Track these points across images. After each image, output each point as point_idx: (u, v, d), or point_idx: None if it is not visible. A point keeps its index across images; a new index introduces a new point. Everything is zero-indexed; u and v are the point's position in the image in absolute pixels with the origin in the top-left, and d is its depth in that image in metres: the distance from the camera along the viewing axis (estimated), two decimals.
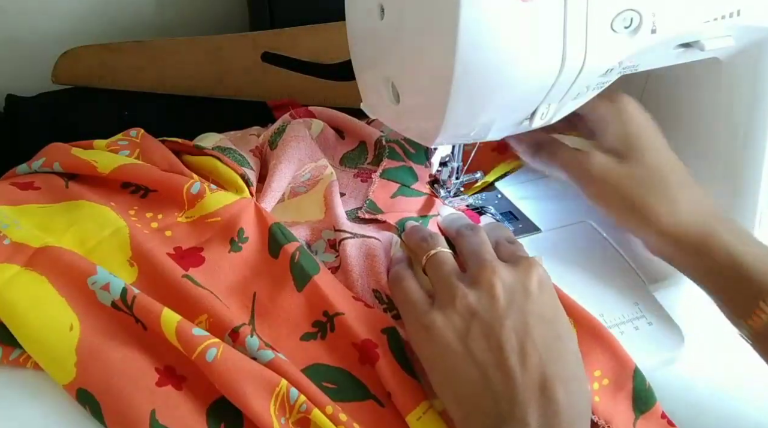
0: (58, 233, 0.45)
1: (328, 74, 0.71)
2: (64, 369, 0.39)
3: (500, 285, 0.40)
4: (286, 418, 0.39)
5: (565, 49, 0.39)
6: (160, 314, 0.40)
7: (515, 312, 0.40)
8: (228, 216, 0.47)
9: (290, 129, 0.56)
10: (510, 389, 0.37)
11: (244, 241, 0.47)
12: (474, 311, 0.40)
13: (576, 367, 0.40)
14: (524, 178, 0.60)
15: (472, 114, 0.43)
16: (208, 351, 0.38)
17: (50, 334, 0.40)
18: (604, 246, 0.53)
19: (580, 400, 0.39)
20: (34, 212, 0.47)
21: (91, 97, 0.70)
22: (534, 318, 0.40)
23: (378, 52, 0.45)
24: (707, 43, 0.45)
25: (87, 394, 0.38)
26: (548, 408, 0.37)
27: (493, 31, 0.38)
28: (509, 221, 0.55)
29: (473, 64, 0.39)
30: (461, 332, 0.40)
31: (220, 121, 0.60)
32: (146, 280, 0.44)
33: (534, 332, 0.39)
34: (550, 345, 0.39)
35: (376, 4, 0.42)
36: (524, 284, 0.41)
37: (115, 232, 0.45)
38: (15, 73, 0.73)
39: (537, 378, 0.37)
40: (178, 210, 0.48)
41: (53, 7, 0.75)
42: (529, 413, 0.37)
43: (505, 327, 0.39)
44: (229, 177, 0.51)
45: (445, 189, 0.56)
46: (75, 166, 0.50)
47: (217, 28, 0.80)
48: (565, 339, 0.41)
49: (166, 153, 0.52)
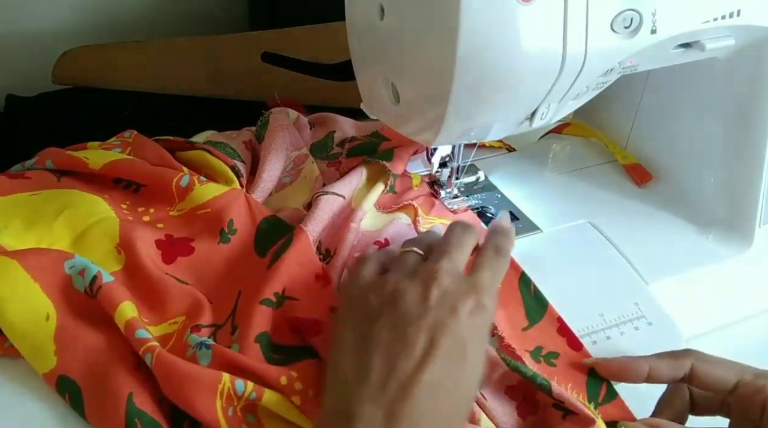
0: (48, 220, 0.45)
1: (328, 74, 0.71)
2: (45, 357, 0.39)
3: (435, 291, 0.39)
4: (234, 407, 0.39)
5: (565, 49, 0.39)
6: (116, 308, 0.40)
7: (432, 320, 0.38)
8: (218, 208, 0.48)
9: (273, 119, 0.57)
10: (377, 386, 0.35)
11: (234, 233, 0.48)
12: (397, 296, 0.39)
13: (459, 406, 0.37)
14: (524, 177, 0.60)
15: (472, 114, 0.43)
16: (146, 355, 0.39)
17: (27, 325, 0.40)
18: (604, 246, 0.53)
19: None
20: (23, 202, 0.47)
21: (91, 97, 0.70)
22: (446, 334, 0.37)
23: (378, 52, 0.45)
24: (707, 43, 0.45)
25: (67, 381, 0.39)
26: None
27: (493, 32, 0.38)
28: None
29: (473, 64, 0.39)
30: (375, 309, 0.39)
31: (220, 121, 0.60)
32: (129, 271, 0.44)
33: (440, 347, 0.37)
34: (449, 366, 0.37)
35: (376, 4, 0.42)
36: (456, 302, 0.39)
37: (104, 219, 0.46)
38: (15, 73, 0.74)
39: (415, 401, 0.35)
40: (169, 204, 0.49)
41: (53, 7, 0.75)
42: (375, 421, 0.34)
43: (414, 325, 0.37)
44: (220, 169, 0.51)
45: (445, 189, 0.56)
46: (67, 162, 0.50)
47: (217, 28, 0.81)
48: (468, 371, 0.38)
49: (157, 149, 0.52)
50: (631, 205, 0.58)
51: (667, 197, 0.58)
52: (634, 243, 0.53)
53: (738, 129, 0.53)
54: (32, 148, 0.53)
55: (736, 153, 0.53)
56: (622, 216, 0.56)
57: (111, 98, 0.70)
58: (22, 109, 0.69)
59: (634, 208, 0.58)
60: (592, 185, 0.60)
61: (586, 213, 0.56)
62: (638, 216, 0.57)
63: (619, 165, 0.62)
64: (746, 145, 0.53)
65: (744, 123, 0.52)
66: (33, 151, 0.52)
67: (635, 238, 0.54)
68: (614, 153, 0.63)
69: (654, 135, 0.60)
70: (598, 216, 0.55)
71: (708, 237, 0.55)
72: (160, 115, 0.69)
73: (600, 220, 0.55)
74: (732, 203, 0.55)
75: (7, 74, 0.74)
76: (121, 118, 0.68)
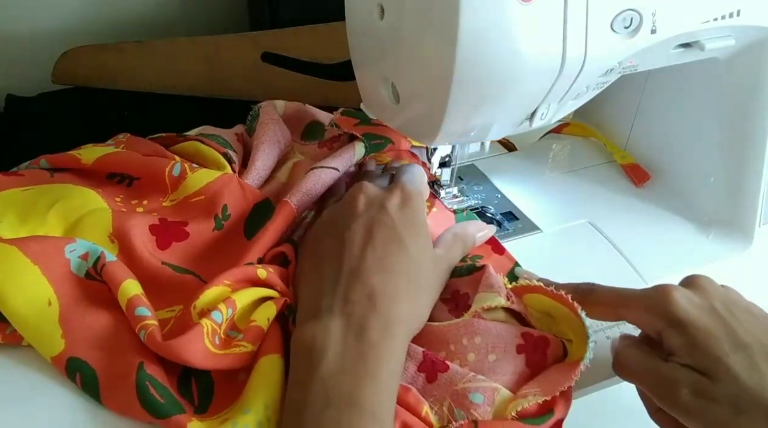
0: (41, 213, 0.45)
1: (328, 74, 0.71)
2: (53, 342, 0.39)
3: (362, 198, 0.45)
4: (218, 335, 0.40)
5: (565, 49, 0.39)
6: (120, 284, 0.41)
7: (365, 219, 0.43)
8: (211, 194, 0.48)
9: (263, 112, 0.57)
10: (332, 282, 0.41)
11: (227, 219, 0.48)
12: (334, 218, 0.45)
13: (409, 280, 0.42)
14: (524, 177, 0.60)
15: (472, 114, 0.43)
16: (141, 332, 0.39)
17: (30, 312, 0.40)
18: (604, 246, 0.53)
19: (403, 310, 0.40)
20: (16, 197, 0.47)
21: (91, 97, 0.70)
22: (380, 226, 0.43)
23: (378, 52, 0.45)
24: (707, 43, 0.45)
25: (77, 361, 0.39)
26: (366, 310, 0.39)
27: (493, 32, 0.38)
28: (509, 221, 0.55)
29: (473, 64, 0.39)
30: (321, 236, 0.45)
31: (220, 121, 0.60)
32: (123, 260, 0.44)
33: (376, 237, 0.42)
34: (389, 249, 0.42)
35: (376, 4, 0.42)
36: (384, 201, 0.44)
37: (97, 210, 0.46)
38: (15, 73, 0.74)
39: (365, 281, 0.40)
40: (162, 195, 0.50)
41: (53, 7, 0.75)
42: (343, 311, 0.39)
43: (350, 228, 0.43)
44: (212, 157, 0.52)
45: (445, 189, 0.56)
46: (59, 160, 0.51)
47: (217, 28, 0.81)
48: (408, 247, 0.43)
49: (150, 144, 0.53)
50: (631, 204, 0.58)
51: (668, 197, 0.58)
52: (634, 243, 0.53)
53: (738, 129, 0.53)
54: (32, 148, 0.53)
55: (735, 153, 0.53)
56: (622, 216, 0.56)
57: (111, 98, 0.70)
58: (22, 109, 0.69)
59: (634, 207, 0.58)
60: (592, 185, 0.60)
61: (586, 213, 0.56)
62: (638, 216, 0.57)
63: (619, 165, 0.62)
64: (746, 145, 0.53)
65: (744, 123, 0.52)
66: (33, 151, 0.53)
67: (635, 238, 0.54)
68: (613, 153, 0.63)
69: (654, 135, 0.60)
70: (598, 216, 0.56)
71: (708, 236, 0.55)
72: (159, 115, 0.69)
73: (600, 220, 0.55)
74: (732, 203, 0.55)
75: (7, 74, 0.74)
76: (121, 118, 0.68)
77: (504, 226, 0.55)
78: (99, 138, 0.55)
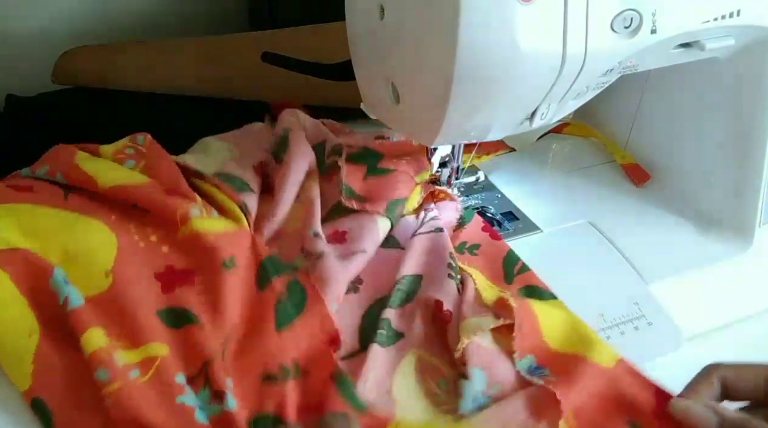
0: (43, 236, 0.44)
1: (328, 74, 0.71)
2: (22, 375, 0.39)
3: None
4: None
5: (565, 49, 0.39)
6: (84, 332, 0.39)
7: None
8: (221, 245, 0.46)
9: (293, 142, 0.55)
10: None
11: (233, 266, 0.46)
12: None
13: None
14: (524, 177, 0.60)
15: (472, 114, 0.43)
16: (107, 399, 0.38)
17: (9, 340, 0.39)
18: (604, 246, 0.53)
19: None
20: (27, 211, 0.46)
21: (91, 97, 0.70)
22: None
23: (378, 52, 0.45)
24: (707, 43, 0.45)
25: (40, 404, 0.38)
26: None
27: (493, 32, 0.38)
28: (509, 221, 0.55)
29: (473, 64, 0.39)
30: None
31: (220, 121, 0.60)
32: (111, 295, 0.43)
33: None
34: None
35: (376, 4, 0.42)
36: None
37: (102, 243, 0.45)
38: (15, 73, 0.74)
39: None
40: (176, 229, 0.47)
41: (53, 7, 0.75)
42: None
43: None
44: (227, 206, 0.49)
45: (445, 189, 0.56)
46: (76, 179, 0.49)
47: (217, 28, 0.81)
48: None
49: (172, 169, 0.50)
50: (631, 204, 0.58)
51: (668, 197, 0.58)
52: (634, 243, 0.53)
53: (738, 129, 0.53)
54: (32, 148, 0.53)
55: (735, 153, 0.53)
56: (623, 216, 0.56)
57: (111, 98, 0.70)
58: (21, 109, 0.69)
59: (635, 207, 0.58)
60: (592, 185, 0.60)
61: (586, 213, 0.56)
62: (638, 216, 0.57)
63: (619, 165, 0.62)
64: (746, 145, 0.53)
65: (744, 123, 0.52)
66: (33, 151, 0.52)
67: (635, 238, 0.54)
68: (613, 153, 0.63)
69: (654, 135, 0.60)
70: (598, 216, 0.56)
71: (708, 237, 0.55)
72: (160, 115, 0.69)
73: (600, 220, 0.55)
74: (732, 203, 0.55)
75: (7, 74, 0.74)
76: (121, 118, 0.68)
77: (504, 226, 0.55)
78: (99, 139, 0.55)
